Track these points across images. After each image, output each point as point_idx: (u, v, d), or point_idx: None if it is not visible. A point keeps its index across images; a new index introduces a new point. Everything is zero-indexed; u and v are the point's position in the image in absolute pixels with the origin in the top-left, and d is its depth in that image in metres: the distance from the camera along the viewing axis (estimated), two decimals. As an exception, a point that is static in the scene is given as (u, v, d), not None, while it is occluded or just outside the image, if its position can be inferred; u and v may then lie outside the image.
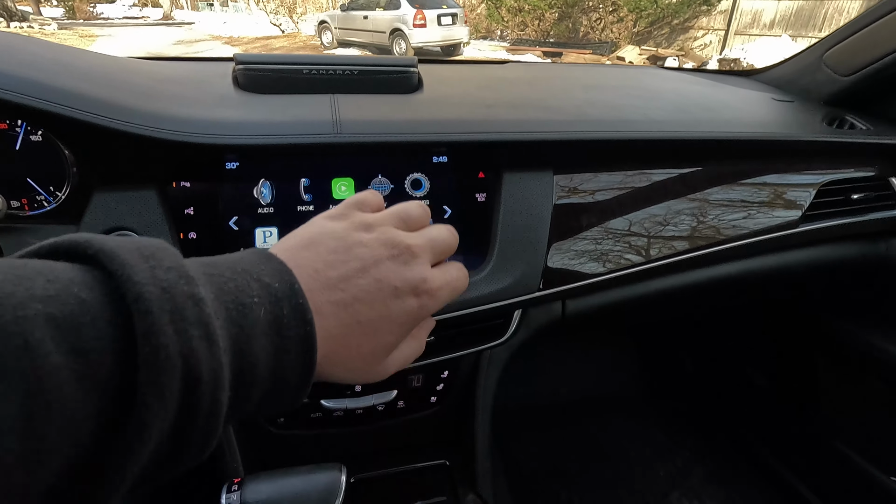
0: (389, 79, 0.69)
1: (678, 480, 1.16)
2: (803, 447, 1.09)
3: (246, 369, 0.24)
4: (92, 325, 0.18)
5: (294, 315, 0.26)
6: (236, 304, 0.24)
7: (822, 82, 0.87)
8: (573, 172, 0.66)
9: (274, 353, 0.25)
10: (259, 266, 0.26)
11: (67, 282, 0.19)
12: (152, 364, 0.19)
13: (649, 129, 0.67)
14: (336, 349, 0.29)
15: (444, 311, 0.59)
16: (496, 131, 0.59)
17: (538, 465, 1.16)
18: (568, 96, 0.74)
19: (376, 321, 0.30)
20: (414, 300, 0.32)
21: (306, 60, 0.67)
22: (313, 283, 0.28)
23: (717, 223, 0.71)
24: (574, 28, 10.21)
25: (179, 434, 0.21)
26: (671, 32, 9.66)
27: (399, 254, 0.32)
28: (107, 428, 0.19)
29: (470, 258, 0.61)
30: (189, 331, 0.20)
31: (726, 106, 0.79)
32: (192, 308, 0.21)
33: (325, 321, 0.28)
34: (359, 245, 0.31)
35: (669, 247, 0.68)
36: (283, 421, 0.61)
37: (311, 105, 0.60)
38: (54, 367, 0.17)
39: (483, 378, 0.64)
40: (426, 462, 0.68)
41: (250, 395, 0.24)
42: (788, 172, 0.75)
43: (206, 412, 0.21)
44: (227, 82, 0.65)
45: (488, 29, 11.76)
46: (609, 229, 0.66)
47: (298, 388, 0.27)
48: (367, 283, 0.30)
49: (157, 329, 0.19)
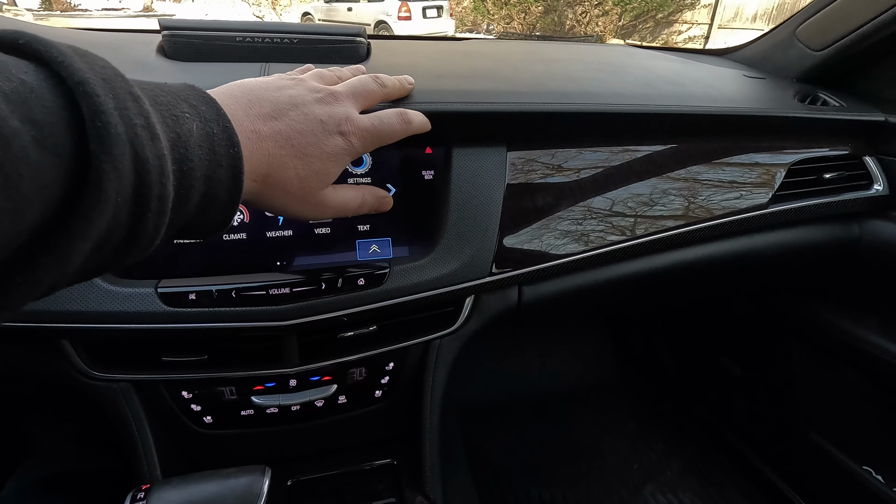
0: (333, 48, 0.63)
1: (652, 473, 1.13)
2: (777, 437, 1.06)
3: (186, 172, 0.26)
4: (38, 101, 0.19)
5: (223, 135, 0.29)
6: (170, 114, 0.26)
7: (795, 58, 0.83)
8: (529, 149, 0.61)
9: (208, 164, 0.27)
10: (185, 92, 0.28)
11: (3, 64, 0.19)
12: (104, 137, 0.20)
13: (613, 101, 0.62)
14: (276, 170, 0.34)
15: (387, 297, 0.54)
16: (443, 101, 0.54)
17: (509, 462, 1.12)
18: (526, 68, 0.69)
19: (307, 147, 0.36)
20: (339, 137, 0.37)
21: (240, 27, 0.61)
22: (242, 113, 0.33)
23: (682, 205, 0.67)
24: (560, 21, 10.17)
25: (136, 214, 0.22)
26: (656, 26, 9.68)
27: (323, 97, 0.38)
28: (70, 192, 0.20)
29: (416, 240, 0.57)
30: (133, 119, 0.22)
31: (695, 82, 0.75)
32: (131, 102, 0.22)
33: (263, 143, 0.33)
34: (286, 88, 0.37)
35: (631, 230, 0.64)
36: (210, 421, 0.56)
37: (237, 73, 0.55)
38: (14, 130, 0.18)
39: (432, 370, 0.60)
40: (372, 462, 0.63)
41: (189, 199, 0.26)
42: (758, 151, 0.71)
43: (156, 195, 0.23)
44: (149, 50, 0.60)
45: (474, 22, 11.66)
46: (566, 210, 0.62)
47: (227, 206, 0.30)
48: (297, 116, 0.36)
49: (104, 110, 0.20)
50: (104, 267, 0.24)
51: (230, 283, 0.49)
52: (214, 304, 0.49)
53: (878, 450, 0.91)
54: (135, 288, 0.47)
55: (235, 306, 0.49)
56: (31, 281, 0.20)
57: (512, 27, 10.55)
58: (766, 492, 1.06)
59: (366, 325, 0.56)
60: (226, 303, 0.49)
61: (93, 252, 0.22)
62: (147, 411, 0.54)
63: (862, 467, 0.89)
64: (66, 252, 0.20)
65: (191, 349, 0.52)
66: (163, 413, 0.55)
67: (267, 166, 0.33)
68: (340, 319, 0.53)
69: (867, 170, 0.76)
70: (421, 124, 0.45)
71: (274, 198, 0.35)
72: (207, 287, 0.49)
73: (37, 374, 0.57)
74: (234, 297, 0.49)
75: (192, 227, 0.29)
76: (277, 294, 0.50)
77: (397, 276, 0.53)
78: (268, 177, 0.34)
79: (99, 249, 0.22)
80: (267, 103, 0.35)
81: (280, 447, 0.62)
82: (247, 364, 0.54)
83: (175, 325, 0.48)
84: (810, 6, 0.82)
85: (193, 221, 0.29)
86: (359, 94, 0.41)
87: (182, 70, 0.55)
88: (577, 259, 0.61)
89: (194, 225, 0.29)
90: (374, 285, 0.52)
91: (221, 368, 0.53)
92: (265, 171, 0.33)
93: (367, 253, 0.55)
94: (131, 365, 0.53)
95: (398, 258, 0.55)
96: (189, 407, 0.55)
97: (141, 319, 0.47)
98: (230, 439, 0.58)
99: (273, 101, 0.35)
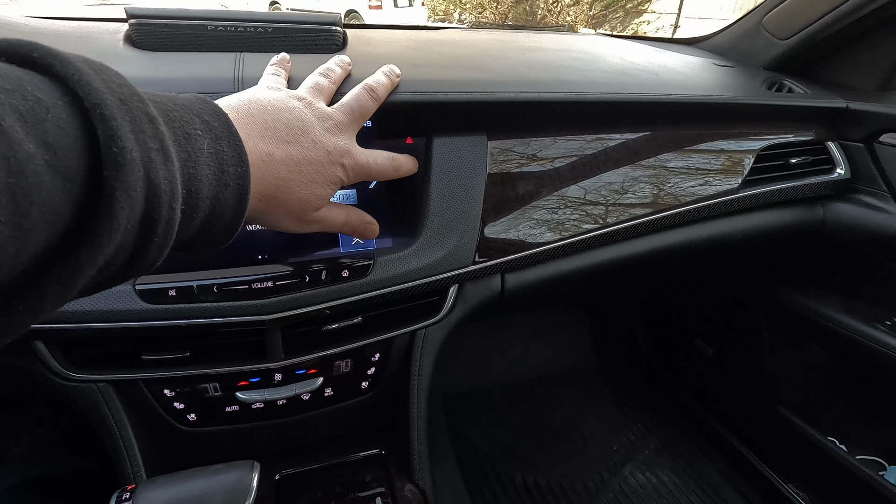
0: (308, 37, 0.62)
1: (631, 453, 1.16)
2: (749, 413, 1.11)
3: (193, 192, 0.25)
4: (53, 123, 0.18)
5: (232, 154, 0.28)
6: (182, 132, 0.25)
7: (762, 47, 0.86)
8: (509, 137, 0.62)
9: (216, 183, 0.27)
10: (198, 106, 0.28)
11: (17, 80, 0.18)
12: (119, 164, 0.20)
13: (589, 90, 0.63)
14: (282, 192, 0.35)
15: (371, 288, 0.54)
16: (422, 91, 0.54)
17: (493, 448, 1.14)
18: (504, 57, 0.69)
19: (314, 174, 0.37)
20: (339, 168, 0.40)
21: (213, 15, 0.60)
22: (258, 134, 0.34)
23: (659, 190, 0.68)
24: (532, 11, 10.19)
25: (143, 238, 0.22)
26: (625, 16, 9.80)
27: (329, 127, 0.40)
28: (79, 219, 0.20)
29: (399, 231, 0.57)
30: (148, 143, 0.21)
31: (668, 70, 0.76)
32: (147, 123, 0.22)
33: (276, 167, 0.34)
34: (296, 109, 0.38)
35: (610, 216, 0.65)
36: (194, 418, 0.55)
37: (211, 62, 0.54)
38: (28, 154, 0.17)
39: (418, 360, 0.60)
40: (360, 453, 0.63)
41: (194, 218, 0.26)
42: (729, 138, 0.73)
43: (165, 220, 0.23)
44: (116, 39, 0.57)
45: (446, 12, 11.57)
46: (547, 198, 0.63)
47: (230, 225, 0.30)
48: (307, 143, 0.37)
49: (121, 134, 0.20)
50: (105, 286, 0.24)
51: (211, 278, 0.48)
52: (195, 300, 0.48)
53: (842, 421, 0.96)
54: (111, 285, 0.46)
55: (217, 301, 0.48)
56: (35, 308, 0.19)
57: (484, 17, 10.51)
58: (739, 465, 1.10)
59: (351, 317, 0.56)
60: (207, 298, 0.48)
61: (96, 275, 0.21)
62: (128, 411, 0.53)
63: (827, 438, 0.94)
64: (72, 279, 0.20)
65: (172, 346, 0.51)
66: (145, 412, 0.54)
67: (275, 188, 0.35)
68: (325, 312, 0.52)
69: (830, 155, 0.80)
70: (408, 170, 0.49)
71: (273, 216, 0.37)
72: (188, 283, 0.48)
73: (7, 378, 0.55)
74: (216, 291, 0.48)
75: (191, 244, 0.29)
76: (260, 288, 0.49)
77: (381, 267, 0.53)
78: (273, 198, 0.35)
79: (102, 272, 0.21)
80: (281, 126, 0.36)
81: (267, 442, 0.61)
82: (230, 359, 0.53)
83: (155, 322, 0.47)
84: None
85: (194, 238, 0.28)
86: (356, 117, 0.43)
87: (152, 60, 0.54)
88: (560, 246, 0.62)
89: (194, 241, 0.29)
90: (359, 277, 0.52)
91: (204, 365, 0.52)
92: (272, 193, 0.35)
93: (350, 245, 0.55)
94: (110, 364, 0.51)
95: (382, 249, 0.55)
96: (172, 405, 0.54)
97: (119, 317, 0.46)
98: (216, 436, 0.57)
99: (286, 124, 0.36)
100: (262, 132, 0.34)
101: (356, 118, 0.43)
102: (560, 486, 1.08)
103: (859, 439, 0.94)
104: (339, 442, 0.65)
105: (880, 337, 0.80)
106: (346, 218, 0.44)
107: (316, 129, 0.38)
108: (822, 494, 0.96)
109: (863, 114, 0.77)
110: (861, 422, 0.95)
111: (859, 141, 0.79)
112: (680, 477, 1.11)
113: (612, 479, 1.10)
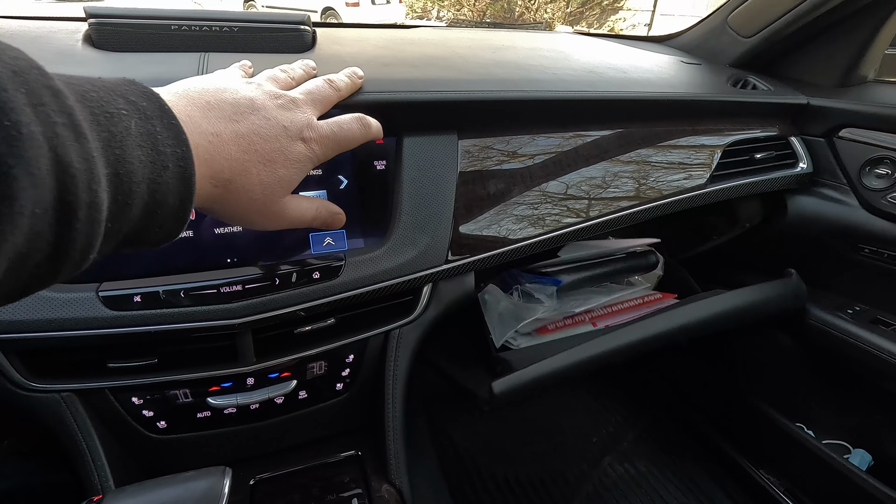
0: (276, 37, 0.61)
1: (610, 445, 1.18)
2: (722, 404, 1.13)
3: (123, 175, 0.23)
4: None
5: (168, 133, 0.26)
6: (102, 112, 0.23)
7: (727, 44, 0.88)
8: (480, 136, 0.62)
9: (151, 165, 0.25)
10: (123, 87, 0.26)
11: None
12: (14, 139, 0.17)
13: (559, 89, 0.64)
14: (239, 175, 0.33)
15: (343, 290, 0.54)
16: (391, 91, 0.54)
17: (474, 445, 1.15)
18: (474, 56, 0.69)
19: (272, 153, 0.34)
20: (302, 144, 0.37)
21: (176, 14, 0.58)
22: (200, 115, 0.31)
23: (629, 187, 0.69)
24: (509, 8, 10.23)
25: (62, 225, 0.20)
26: (602, 13, 9.91)
27: (283, 102, 0.37)
28: None
29: (370, 231, 0.57)
30: (51, 116, 0.19)
31: (636, 68, 0.77)
32: (50, 97, 0.20)
33: (226, 147, 0.32)
34: (243, 90, 0.35)
35: (581, 212, 0.66)
36: (164, 426, 0.54)
37: (174, 63, 0.53)
38: None
39: (393, 360, 0.60)
40: (337, 454, 0.63)
41: (130, 206, 0.24)
42: (696, 134, 0.75)
43: (85, 204, 0.21)
44: (74, 39, 0.56)
45: (424, 9, 11.54)
46: (519, 196, 0.63)
47: (178, 212, 0.27)
48: (258, 119, 0.34)
49: (13, 106, 0.18)
50: (31, 286, 0.22)
51: (178, 283, 0.47)
52: (162, 306, 0.47)
53: (809, 408, 0.99)
54: (73, 293, 0.45)
55: (185, 306, 0.47)
56: None
57: (462, 14, 10.51)
58: (714, 454, 1.13)
59: (324, 319, 0.56)
60: (175, 303, 0.47)
61: (10, 271, 0.19)
62: (94, 420, 0.52)
63: (795, 424, 0.97)
64: None
65: (139, 353, 0.50)
66: (112, 421, 0.53)
67: (230, 171, 0.32)
68: (297, 314, 0.52)
69: (793, 149, 0.82)
70: (379, 129, 0.45)
71: (236, 204, 0.34)
72: (154, 288, 0.47)
73: None
74: (184, 296, 0.47)
75: (138, 237, 0.27)
76: (230, 292, 0.49)
77: (353, 268, 0.53)
78: (230, 182, 0.32)
79: (18, 268, 0.19)
80: (227, 105, 0.33)
81: (241, 447, 0.61)
82: (200, 365, 0.52)
83: (120, 329, 0.46)
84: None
85: (139, 230, 0.26)
86: (316, 100, 0.40)
87: (112, 61, 0.52)
88: (532, 243, 0.63)
89: (141, 234, 0.26)
90: (330, 278, 0.52)
91: (173, 371, 0.51)
92: (227, 177, 0.32)
93: (321, 246, 0.54)
94: (74, 373, 0.50)
95: (353, 250, 0.55)
96: (140, 413, 0.53)
97: (82, 326, 0.45)
98: (187, 443, 0.56)
99: (233, 103, 0.33)
100: (205, 112, 0.31)
101: (315, 100, 0.40)
102: (541, 480, 1.09)
103: (825, 424, 0.98)
104: (316, 444, 0.64)
105: (843, 325, 0.83)
106: (316, 211, 0.41)
107: (268, 105, 0.35)
108: (792, 479, 0.99)
109: (823, 109, 0.80)
110: (827, 408, 0.98)
111: (820, 136, 0.81)
112: (657, 467, 1.13)
113: (592, 472, 1.11)
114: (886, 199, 0.74)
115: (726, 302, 0.79)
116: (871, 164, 0.76)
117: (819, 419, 0.98)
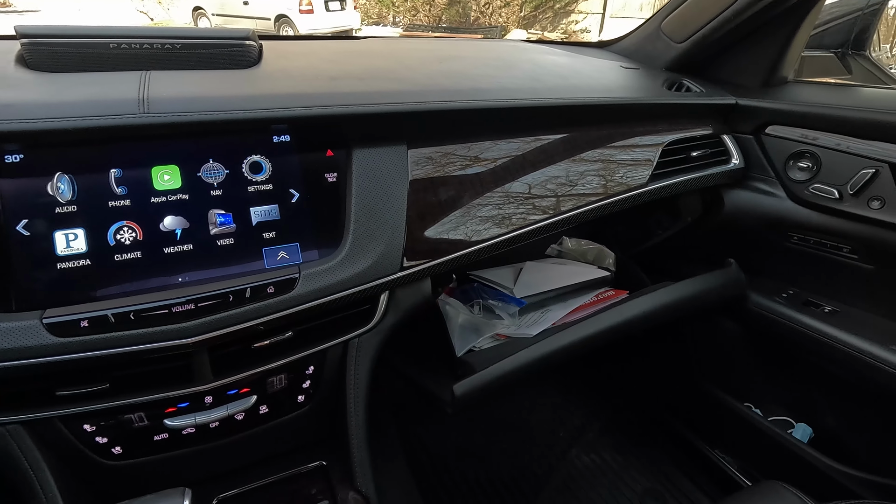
0: (221, 53, 0.61)
1: (576, 437, 1.22)
2: (679, 390, 1.19)
3: None
4: None
5: None
6: None
7: (662, 49, 0.93)
8: (429, 145, 0.64)
9: None
10: None
11: None
12: None
13: (503, 97, 0.66)
14: None
15: (299, 303, 0.54)
16: (339, 104, 0.55)
17: (444, 447, 1.16)
18: (422, 67, 0.71)
19: None
20: None
21: (115, 32, 0.57)
22: None
23: (576, 188, 0.73)
24: (465, 13, 10.34)
25: None
26: (555, 16, 10.15)
27: None
28: None
29: (325, 242, 0.57)
30: None
31: (578, 74, 0.81)
32: None
33: None
34: None
35: (531, 216, 0.69)
36: (120, 451, 0.53)
37: (113, 83, 0.52)
38: None
39: (353, 369, 0.61)
40: (303, 467, 0.63)
41: None
42: (636, 135, 0.79)
43: None
44: (6, 60, 0.54)
45: (380, 15, 11.51)
46: (469, 201, 0.65)
47: None
48: None
49: None
50: None
51: (127, 306, 0.47)
52: (111, 329, 0.46)
53: (755, 387, 1.06)
54: (15, 322, 0.44)
55: (135, 328, 0.47)
56: None
57: (418, 19, 10.55)
58: (672, 438, 1.18)
59: (281, 332, 0.56)
60: (124, 326, 0.47)
61: None
62: (44, 451, 0.50)
63: (744, 404, 1.03)
64: None
65: (89, 379, 0.49)
66: (63, 451, 0.52)
67: None
68: (253, 329, 0.52)
69: (726, 147, 0.88)
70: None
71: None
72: (102, 312, 0.46)
73: None
74: (134, 318, 0.47)
75: None
76: (181, 311, 0.48)
77: (308, 280, 0.54)
78: None
79: None
80: None
81: (202, 467, 0.60)
82: (155, 386, 0.51)
83: (68, 356, 0.45)
84: (672, 1, 0.91)
85: None
86: None
87: (47, 82, 0.51)
88: (484, 247, 0.65)
89: None
90: (285, 291, 0.52)
91: (126, 395, 0.50)
92: None
93: (275, 260, 0.55)
94: (19, 404, 0.48)
95: (308, 262, 0.55)
96: (93, 440, 0.52)
97: (26, 355, 0.44)
98: (145, 467, 0.55)
99: None
100: None
101: None
102: (511, 476, 1.11)
103: (771, 402, 1.04)
104: (281, 458, 0.64)
105: (779, 309, 0.89)
106: None
107: None
108: (743, 456, 1.05)
109: (750, 109, 0.85)
110: (772, 386, 1.05)
111: (749, 133, 0.87)
112: (622, 454, 1.17)
113: (560, 464, 1.15)
114: (808, 190, 0.80)
115: (672, 294, 0.84)
116: (794, 158, 0.82)
117: (765, 398, 1.04)
